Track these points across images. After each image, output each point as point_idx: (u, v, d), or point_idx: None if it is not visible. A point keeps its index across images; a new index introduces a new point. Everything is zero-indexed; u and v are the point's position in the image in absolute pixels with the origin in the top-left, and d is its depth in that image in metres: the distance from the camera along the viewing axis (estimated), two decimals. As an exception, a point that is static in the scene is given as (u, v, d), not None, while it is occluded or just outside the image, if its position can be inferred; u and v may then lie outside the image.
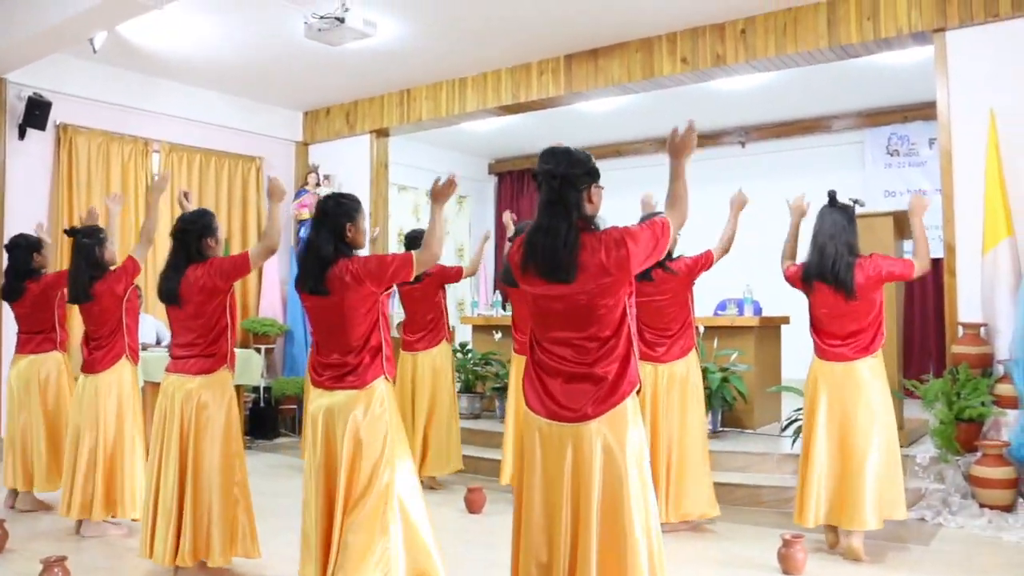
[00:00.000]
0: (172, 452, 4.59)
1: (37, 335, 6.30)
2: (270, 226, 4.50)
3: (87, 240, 5.57)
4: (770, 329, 8.41)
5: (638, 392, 3.18)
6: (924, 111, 10.37)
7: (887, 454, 4.96)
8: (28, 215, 8.46)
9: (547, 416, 3.16)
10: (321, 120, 11.06)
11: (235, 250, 7.70)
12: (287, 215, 10.66)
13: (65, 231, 5.91)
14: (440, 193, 3.88)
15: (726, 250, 5.79)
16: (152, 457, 4.70)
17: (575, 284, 3.08)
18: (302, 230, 10.57)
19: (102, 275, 5.55)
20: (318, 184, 10.72)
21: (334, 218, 3.89)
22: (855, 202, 5.45)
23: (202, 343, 4.65)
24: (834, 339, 5.09)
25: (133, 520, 5.63)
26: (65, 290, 5.90)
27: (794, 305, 8.13)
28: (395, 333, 7.15)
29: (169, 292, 4.64)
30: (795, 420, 6.53)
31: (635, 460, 3.10)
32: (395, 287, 4.87)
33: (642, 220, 3.40)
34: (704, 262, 5.69)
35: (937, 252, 7.73)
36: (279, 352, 10.65)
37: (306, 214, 10.58)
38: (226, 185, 10.34)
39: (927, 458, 6.29)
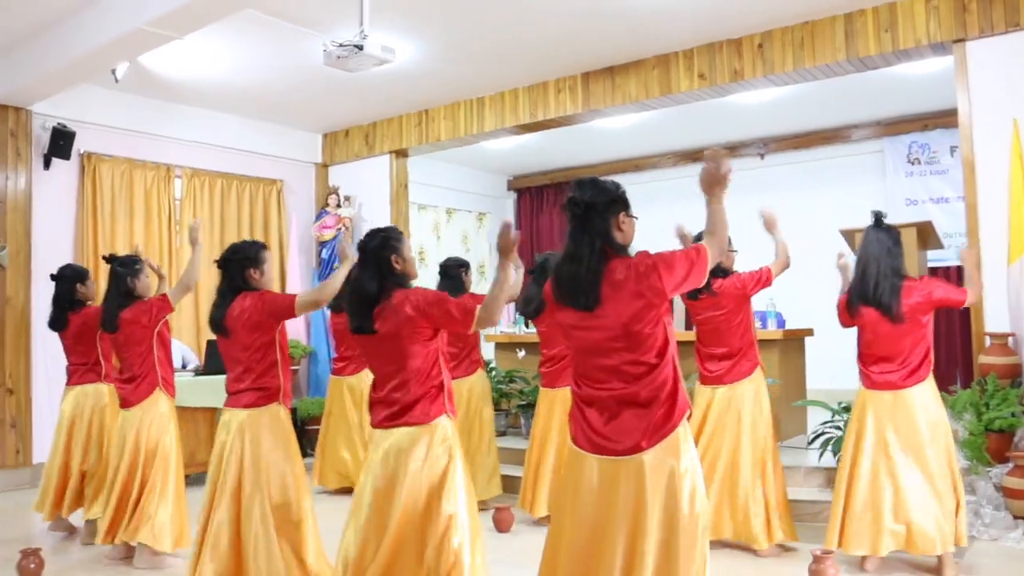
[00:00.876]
0: (226, 488, 4.45)
1: (81, 367, 6.32)
2: (324, 286, 4.51)
3: (121, 269, 5.64)
4: (794, 342, 8.38)
5: (688, 417, 3.11)
6: (945, 119, 10.29)
7: (940, 480, 4.85)
8: (54, 243, 8.61)
9: (593, 451, 3.09)
10: (340, 142, 11.13)
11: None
12: (309, 237, 10.72)
13: (103, 257, 5.95)
14: (505, 245, 3.49)
15: (786, 265, 5.65)
16: (206, 490, 4.57)
17: (606, 310, 3.04)
18: (324, 251, 10.63)
19: (130, 303, 5.59)
20: (338, 205, 10.78)
21: (376, 253, 3.75)
22: (877, 215, 5.43)
23: (250, 377, 4.52)
24: (881, 365, 4.97)
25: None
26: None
27: (817, 318, 8.14)
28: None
29: (216, 321, 4.57)
30: (822, 433, 6.50)
31: (689, 490, 3.02)
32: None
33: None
34: (760, 279, 5.55)
35: (955, 262, 7.70)
36: (303, 373, 10.69)
37: (327, 235, 10.65)
38: (247, 208, 10.41)
39: (957, 470, 6.24)
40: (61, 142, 8.46)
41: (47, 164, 8.56)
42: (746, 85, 8.06)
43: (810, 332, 8.47)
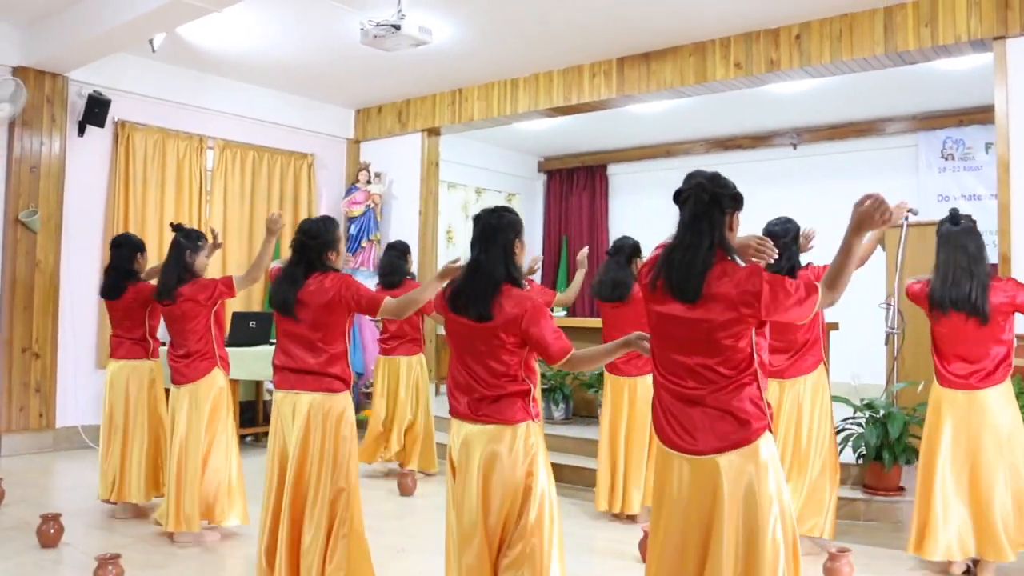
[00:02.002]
0: (283, 472, 4.28)
1: (128, 340, 6.13)
2: (417, 298, 4.20)
3: (184, 240, 5.58)
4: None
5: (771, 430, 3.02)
6: (981, 115, 10.21)
7: (1015, 483, 4.78)
8: (86, 210, 8.70)
9: (666, 444, 3.06)
10: (373, 118, 11.15)
11: (284, 245, 7.75)
12: (338, 213, 10.77)
13: (171, 225, 5.84)
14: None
15: (862, 261, 5.07)
16: (268, 476, 4.37)
17: (699, 309, 2.95)
18: (352, 227, 10.67)
19: (190, 279, 5.51)
20: (368, 181, 10.81)
21: (503, 234, 3.53)
22: (909, 211, 5.38)
23: (321, 360, 4.27)
24: (959, 365, 4.88)
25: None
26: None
27: (842, 312, 8.10)
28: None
29: (286, 302, 4.26)
30: (843, 430, 6.47)
31: (775, 509, 2.91)
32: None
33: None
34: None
35: (992, 261, 7.63)
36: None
37: (356, 211, 10.68)
38: (278, 181, 10.44)
39: None
40: (96, 110, 8.51)
41: (81, 131, 8.63)
42: (782, 76, 8.00)
43: (835, 326, 8.42)
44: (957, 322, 4.81)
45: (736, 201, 3.06)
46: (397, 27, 5.99)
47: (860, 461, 6.32)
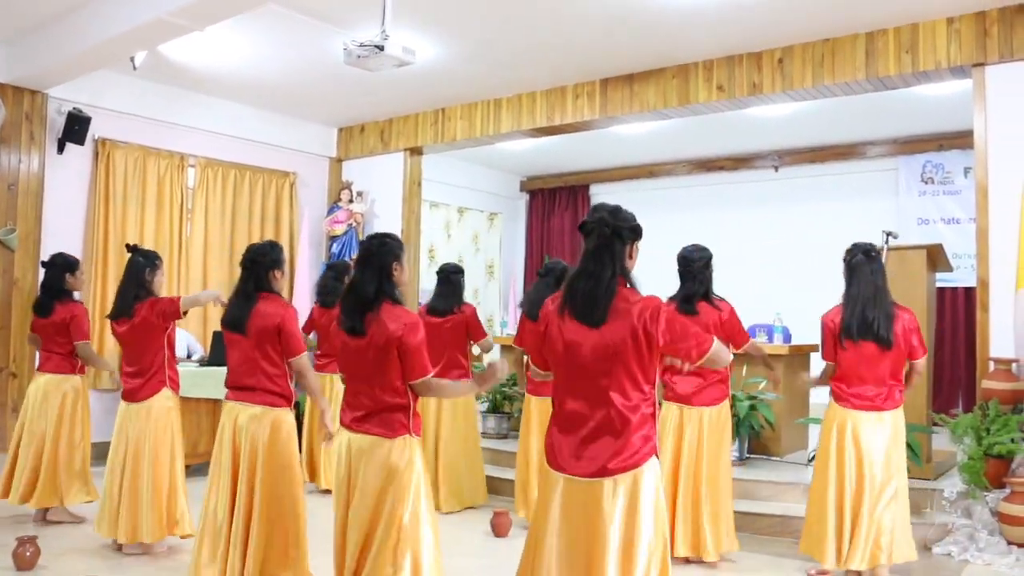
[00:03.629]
0: (226, 478, 4.69)
1: (57, 355, 6.35)
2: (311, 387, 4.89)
3: (141, 259, 5.72)
4: (799, 357, 8.37)
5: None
6: (960, 140, 10.30)
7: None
8: (65, 228, 8.63)
9: (568, 471, 3.19)
10: (356, 137, 11.14)
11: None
12: (319, 231, 10.74)
13: (126, 246, 6.02)
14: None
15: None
16: (211, 482, 4.77)
17: (605, 329, 3.15)
18: (334, 246, 10.65)
19: (146, 297, 5.65)
20: (351, 200, 10.79)
21: (379, 257, 3.88)
22: (888, 234, 5.44)
23: (263, 376, 4.74)
24: (865, 387, 5.16)
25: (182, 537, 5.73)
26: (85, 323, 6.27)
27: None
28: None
29: (237, 320, 4.74)
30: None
31: (653, 521, 3.13)
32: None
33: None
34: (736, 339, 5.76)
35: (970, 284, 7.68)
36: (308, 366, 10.67)
37: (339, 230, 10.66)
38: (260, 200, 10.41)
39: (954, 493, 6.25)
40: (76, 127, 8.47)
41: (61, 148, 8.57)
42: (764, 99, 8.05)
43: (816, 348, 8.43)
44: (866, 349, 5.06)
45: (635, 233, 3.29)
46: (381, 47, 5.98)
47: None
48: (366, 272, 3.86)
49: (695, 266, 5.63)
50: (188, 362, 8.36)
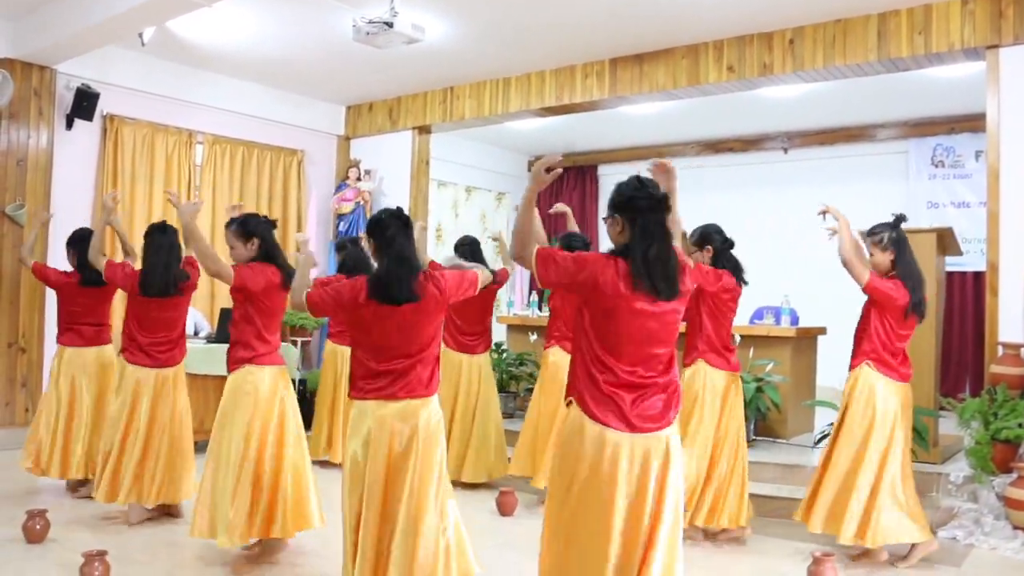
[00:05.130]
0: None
1: (96, 326, 6.46)
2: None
3: (177, 238, 5.94)
4: (806, 340, 8.34)
5: None
6: (971, 123, 10.22)
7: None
8: (74, 204, 8.63)
9: (628, 429, 3.19)
10: (364, 115, 11.11)
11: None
12: (327, 210, 10.73)
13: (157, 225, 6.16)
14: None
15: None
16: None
17: (676, 301, 3.28)
18: (341, 224, 10.64)
19: (189, 273, 5.92)
20: (359, 179, 10.78)
21: (409, 227, 4.01)
22: (897, 217, 5.41)
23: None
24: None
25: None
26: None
27: (830, 316, 8.12)
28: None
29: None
30: (828, 434, 6.47)
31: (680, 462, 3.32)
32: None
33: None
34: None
35: (979, 269, 7.66)
36: (315, 345, 10.72)
37: (346, 208, 10.65)
38: (267, 177, 10.41)
39: (961, 477, 6.25)
40: (85, 103, 8.46)
41: (69, 124, 8.57)
42: (775, 80, 8.00)
43: (823, 331, 8.44)
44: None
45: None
46: (390, 24, 5.97)
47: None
48: (408, 241, 3.95)
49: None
50: (196, 339, 8.36)
